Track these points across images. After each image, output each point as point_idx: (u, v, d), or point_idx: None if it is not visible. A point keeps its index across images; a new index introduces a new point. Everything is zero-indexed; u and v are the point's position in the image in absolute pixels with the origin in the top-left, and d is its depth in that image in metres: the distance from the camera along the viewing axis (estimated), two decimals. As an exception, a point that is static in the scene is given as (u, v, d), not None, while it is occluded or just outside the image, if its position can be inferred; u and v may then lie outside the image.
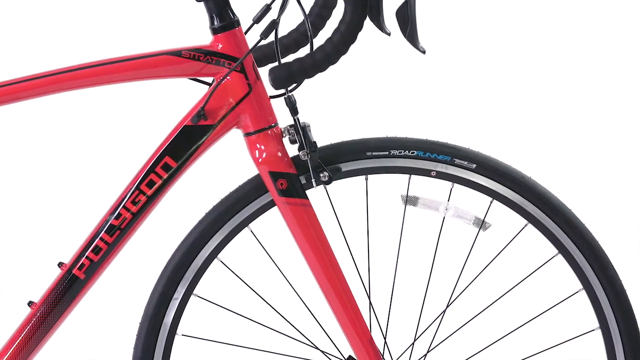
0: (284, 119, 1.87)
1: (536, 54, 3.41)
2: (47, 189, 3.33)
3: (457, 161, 1.89)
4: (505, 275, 2.05)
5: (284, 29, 1.93)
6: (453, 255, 2.05)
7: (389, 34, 1.80)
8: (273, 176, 1.86)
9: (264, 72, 1.85)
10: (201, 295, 1.95)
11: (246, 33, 1.87)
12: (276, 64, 1.82)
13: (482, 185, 1.90)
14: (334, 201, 1.91)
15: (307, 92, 1.90)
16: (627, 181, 3.34)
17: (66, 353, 2.93)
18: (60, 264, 1.90)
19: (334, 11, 1.92)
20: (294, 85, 1.84)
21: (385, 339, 1.95)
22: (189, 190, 2.20)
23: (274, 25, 1.80)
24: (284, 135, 1.87)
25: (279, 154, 1.86)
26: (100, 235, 1.87)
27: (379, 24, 1.78)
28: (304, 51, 1.95)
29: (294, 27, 1.96)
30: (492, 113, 3.37)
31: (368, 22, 1.78)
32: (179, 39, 1.93)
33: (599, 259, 1.90)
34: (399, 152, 1.89)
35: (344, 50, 1.77)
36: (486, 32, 3.39)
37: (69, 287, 1.88)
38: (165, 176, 1.86)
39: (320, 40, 1.80)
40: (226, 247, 1.92)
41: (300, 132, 1.85)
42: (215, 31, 1.84)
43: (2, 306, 3.03)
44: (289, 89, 1.84)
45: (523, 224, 1.91)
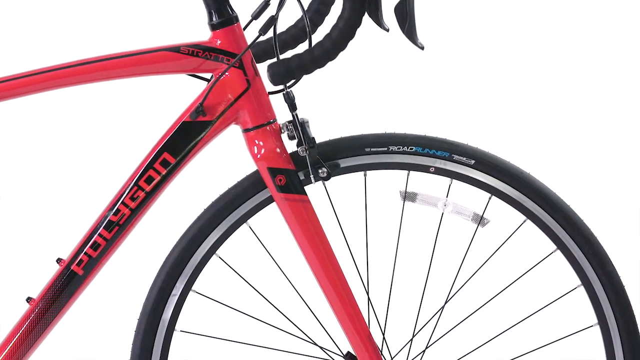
0: (282, 115, 1.87)
1: (534, 50, 3.41)
2: (46, 184, 3.32)
3: (455, 157, 1.89)
4: (503, 272, 2.04)
5: (282, 25, 1.93)
6: (451, 251, 2.04)
7: (387, 30, 1.80)
8: (272, 172, 1.86)
9: (262, 68, 1.85)
10: (200, 291, 1.95)
11: (245, 29, 1.86)
12: (275, 60, 1.82)
13: (481, 181, 1.90)
14: (333, 197, 1.91)
15: (305, 88, 1.90)
16: (626, 177, 3.34)
17: (65, 349, 2.93)
18: (59, 260, 1.90)
19: (333, 7, 1.92)
20: (293, 81, 1.83)
21: (383, 335, 1.95)
22: (187, 186, 2.20)
23: (272, 21, 1.80)
24: (282, 131, 1.87)
25: (278, 150, 1.86)
26: (99, 231, 1.87)
27: (378, 20, 1.78)
28: (302, 47, 1.95)
29: (292, 23, 1.96)
30: (490, 109, 3.36)
31: (367, 18, 1.78)
32: (177, 35, 1.93)
33: (597, 254, 1.90)
34: (397, 148, 1.89)
35: (342, 46, 1.77)
36: (484, 28, 3.38)
37: (68, 283, 1.88)
38: (164, 172, 1.86)
39: (319, 36, 1.80)
40: (225, 243, 1.92)
41: (299, 128, 1.85)
42: (213, 27, 1.83)
43: (0, 302, 3.03)
44: (288, 85, 1.84)
45: (521, 220, 1.91)
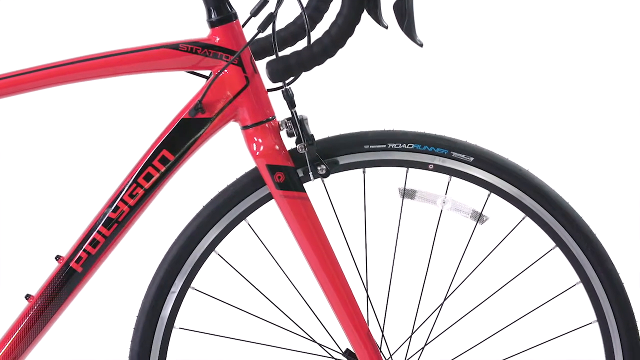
0: (281, 112, 1.87)
1: (532, 47, 3.41)
2: (44, 182, 3.32)
3: (454, 154, 1.89)
4: (502, 269, 2.05)
5: (281, 22, 1.93)
6: (450, 248, 2.04)
7: (386, 27, 1.80)
8: (270, 169, 1.86)
9: (261, 65, 1.85)
10: (198, 288, 1.95)
11: (244, 26, 1.86)
12: (274, 57, 1.82)
13: (480, 179, 1.90)
14: (332, 194, 1.91)
15: (304, 85, 1.89)
16: (625, 174, 3.34)
17: (63, 346, 2.93)
18: (58, 257, 1.89)
19: (332, 4, 1.91)
20: (292, 78, 1.83)
21: (382, 332, 1.95)
22: (186, 184, 2.20)
23: (271, 18, 1.80)
24: (281, 128, 1.87)
25: (277, 147, 1.86)
26: (98, 229, 1.87)
27: (377, 17, 1.78)
28: (301, 44, 1.95)
29: (291, 21, 1.95)
30: (489, 106, 3.36)
31: (365, 15, 1.78)
32: (176, 32, 1.93)
33: (596, 251, 1.90)
34: (396, 145, 1.89)
35: (341, 43, 1.77)
36: (483, 26, 3.38)
37: (67, 280, 1.88)
38: (163, 169, 1.86)
39: (318, 33, 1.80)
40: (223, 240, 1.92)
41: (298, 125, 1.85)
42: (212, 24, 1.83)
43: (-1, 299, 3.03)
44: (287, 82, 1.84)
45: (520, 217, 1.91)
